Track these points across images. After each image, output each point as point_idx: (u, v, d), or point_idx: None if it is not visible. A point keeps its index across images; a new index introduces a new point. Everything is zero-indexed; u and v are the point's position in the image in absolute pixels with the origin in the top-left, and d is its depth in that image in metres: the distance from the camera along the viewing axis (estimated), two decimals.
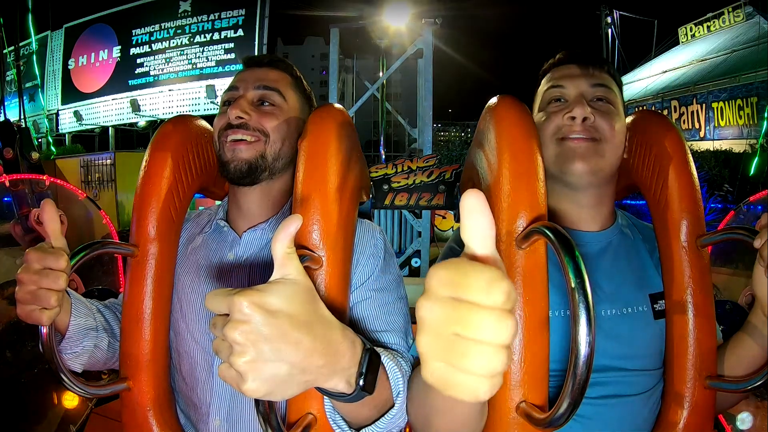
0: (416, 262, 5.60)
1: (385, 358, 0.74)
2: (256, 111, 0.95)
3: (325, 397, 0.71)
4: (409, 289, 0.97)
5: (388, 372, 0.74)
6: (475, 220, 0.42)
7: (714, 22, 13.03)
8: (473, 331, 0.39)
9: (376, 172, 1.60)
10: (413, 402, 0.75)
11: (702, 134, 11.37)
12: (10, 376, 1.85)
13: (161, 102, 10.46)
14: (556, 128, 0.93)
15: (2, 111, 4.19)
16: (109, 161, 7.97)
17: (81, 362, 0.92)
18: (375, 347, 0.70)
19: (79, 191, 2.48)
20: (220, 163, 0.97)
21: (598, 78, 0.96)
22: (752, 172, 6.83)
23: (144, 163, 0.93)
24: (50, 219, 0.77)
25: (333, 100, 6.49)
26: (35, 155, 2.45)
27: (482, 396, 0.40)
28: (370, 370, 0.62)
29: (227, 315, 0.51)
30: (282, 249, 0.55)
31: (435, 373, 0.41)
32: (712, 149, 9.39)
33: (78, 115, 11.39)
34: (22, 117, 5.06)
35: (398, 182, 1.56)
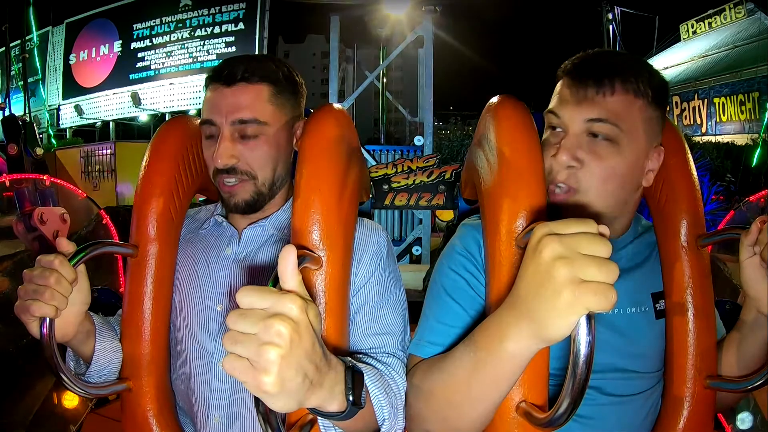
0: (417, 250, 5.60)
1: (370, 380, 0.73)
2: (240, 145, 0.91)
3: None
4: (410, 276, 0.96)
5: (372, 398, 0.73)
6: None
7: (715, 18, 12.97)
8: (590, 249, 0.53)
9: (376, 172, 1.59)
10: (430, 402, 0.75)
11: (704, 130, 11.34)
12: (4, 349, 1.81)
13: (162, 96, 10.42)
14: (546, 168, 0.82)
15: (8, 106, 4.15)
16: (109, 151, 7.95)
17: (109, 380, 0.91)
18: (366, 364, 0.72)
19: (80, 191, 2.48)
20: (219, 195, 0.97)
21: (600, 106, 0.81)
22: (755, 162, 6.76)
23: (144, 164, 0.93)
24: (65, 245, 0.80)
25: (334, 89, 6.50)
26: (39, 151, 2.44)
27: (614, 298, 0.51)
28: (356, 385, 0.63)
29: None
30: (294, 282, 0.55)
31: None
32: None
33: (79, 110, 11.36)
34: (27, 111, 4.82)
35: (398, 182, 1.55)
